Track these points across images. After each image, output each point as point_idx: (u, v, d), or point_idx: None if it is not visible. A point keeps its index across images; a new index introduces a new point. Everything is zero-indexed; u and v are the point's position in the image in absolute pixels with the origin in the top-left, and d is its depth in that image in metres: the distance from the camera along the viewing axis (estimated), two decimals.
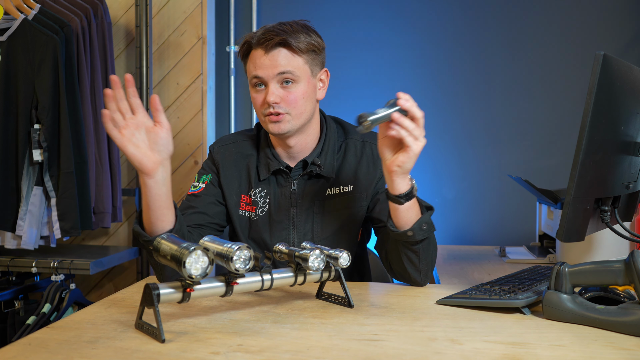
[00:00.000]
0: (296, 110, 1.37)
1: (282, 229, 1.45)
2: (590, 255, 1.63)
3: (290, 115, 1.37)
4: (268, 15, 2.66)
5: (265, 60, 1.35)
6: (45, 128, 2.07)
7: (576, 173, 1.05)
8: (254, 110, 1.44)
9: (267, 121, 1.38)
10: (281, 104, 1.36)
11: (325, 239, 1.45)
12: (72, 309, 2.12)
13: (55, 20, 2.12)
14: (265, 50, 1.35)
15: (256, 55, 1.37)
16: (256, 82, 1.38)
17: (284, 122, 1.37)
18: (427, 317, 1.08)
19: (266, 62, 1.35)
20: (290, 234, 1.45)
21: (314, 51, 1.40)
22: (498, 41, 2.55)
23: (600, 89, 1.04)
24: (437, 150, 2.57)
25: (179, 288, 0.96)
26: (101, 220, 2.27)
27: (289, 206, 1.45)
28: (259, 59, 1.36)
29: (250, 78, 1.39)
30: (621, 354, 0.87)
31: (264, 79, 1.36)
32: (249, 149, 1.50)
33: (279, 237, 1.45)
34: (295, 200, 1.45)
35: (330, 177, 1.44)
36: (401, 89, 2.69)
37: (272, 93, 1.35)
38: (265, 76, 1.35)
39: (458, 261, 1.95)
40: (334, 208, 1.45)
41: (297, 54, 1.36)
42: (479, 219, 2.56)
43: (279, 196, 1.45)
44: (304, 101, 1.38)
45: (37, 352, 0.88)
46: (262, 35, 1.35)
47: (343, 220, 1.45)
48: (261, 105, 1.38)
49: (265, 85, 1.37)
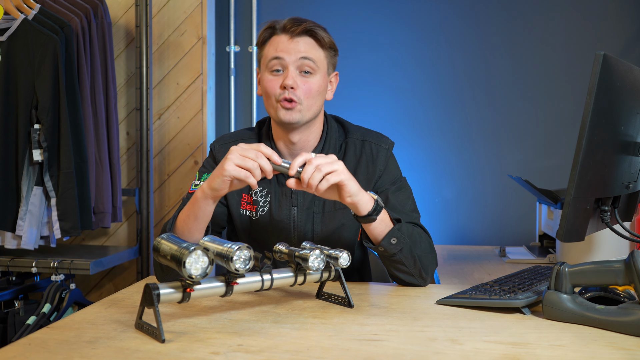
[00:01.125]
0: (308, 102, 1.38)
1: (283, 229, 1.45)
2: (590, 255, 1.63)
3: (302, 105, 1.37)
4: (268, 15, 2.66)
5: (290, 44, 1.37)
6: (45, 128, 2.07)
7: (576, 173, 1.05)
8: (264, 96, 1.41)
9: (278, 107, 1.37)
10: (297, 91, 1.36)
11: (325, 238, 1.45)
12: (72, 309, 2.12)
13: (55, 20, 2.12)
14: (291, 36, 1.37)
15: (279, 40, 1.38)
16: (275, 64, 1.37)
17: (295, 111, 1.37)
18: (427, 317, 1.08)
19: (291, 46, 1.36)
20: (291, 234, 1.45)
21: (332, 49, 1.43)
22: (498, 41, 2.55)
23: (600, 89, 1.04)
24: (437, 150, 2.57)
25: (179, 288, 0.96)
26: (101, 220, 2.27)
27: (289, 205, 1.45)
28: (283, 43, 1.37)
29: (269, 60, 1.38)
30: (621, 354, 0.87)
31: (284, 62, 1.36)
32: None
33: (279, 236, 1.45)
34: (296, 200, 1.45)
35: None
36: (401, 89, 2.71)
37: (290, 77, 1.35)
38: (287, 59, 1.36)
39: (458, 261, 1.95)
40: (333, 207, 1.45)
41: (321, 46, 1.40)
42: (479, 219, 2.56)
43: (280, 195, 1.45)
44: (317, 94, 1.39)
45: (37, 352, 0.88)
46: (288, 22, 1.38)
47: (342, 219, 1.45)
48: (276, 89, 1.37)
49: (284, 69, 1.37)
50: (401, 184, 1.47)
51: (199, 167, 2.55)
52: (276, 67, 1.37)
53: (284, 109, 1.37)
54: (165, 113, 2.58)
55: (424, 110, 2.59)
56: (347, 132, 1.51)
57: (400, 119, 2.59)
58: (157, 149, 2.59)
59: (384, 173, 1.46)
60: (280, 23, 1.39)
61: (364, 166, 1.46)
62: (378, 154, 1.46)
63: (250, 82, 2.68)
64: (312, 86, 1.38)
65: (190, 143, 2.58)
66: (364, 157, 1.46)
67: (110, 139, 2.33)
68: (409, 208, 1.44)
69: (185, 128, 2.58)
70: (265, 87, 1.40)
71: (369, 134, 1.50)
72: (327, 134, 1.48)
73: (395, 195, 1.43)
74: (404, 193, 1.45)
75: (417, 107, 2.58)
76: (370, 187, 1.45)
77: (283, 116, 1.37)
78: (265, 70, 1.40)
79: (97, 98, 2.26)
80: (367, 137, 1.49)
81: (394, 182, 1.46)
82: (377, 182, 1.46)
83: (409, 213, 1.42)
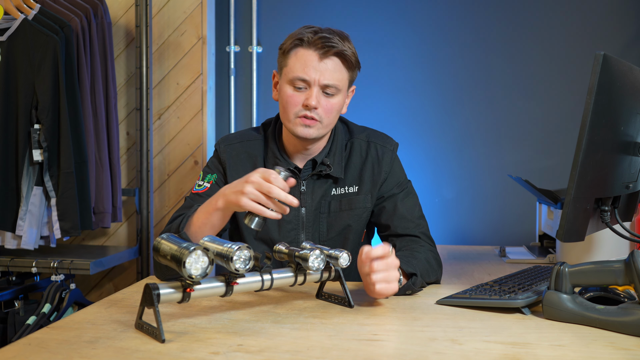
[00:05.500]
0: (328, 120, 1.38)
1: (292, 229, 1.46)
2: (590, 255, 1.63)
3: (322, 124, 1.38)
4: (268, 15, 2.65)
5: (318, 66, 1.34)
6: (45, 128, 2.07)
7: (576, 173, 1.05)
8: (282, 108, 1.39)
9: (297, 123, 1.37)
10: (318, 111, 1.36)
11: (332, 239, 1.46)
12: (72, 309, 2.12)
13: (55, 20, 2.12)
14: (320, 55, 1.34)
15: (307, 56, 1.35)
16: (299, 83, 1.36)
17: (315, 128, 1.37)
18: (427, 317, 1.08)
19: (320, 67, 1.34)
20: (300, 234, 1.46)
21: (357, 68, 1.42)
22: (498, 41, 2.55)
23: (600, 89, 1.04)
24: (437, 150, 2.57)
25: (179, 288, 0.96)
26: (101, 220, 2.27)
27: (298, 206, 1.45)
28: (311, 62, 1.34)
29: (293, 77, 1.36)
30: (621, 354, 0.87)
31: (309, 82, 1.35)
32: (256, 149, 1.49)
33: (288, 237, 1.45)
34: (305, 201, 1.45)
35: (339, 177, 1.45)
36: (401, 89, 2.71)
37: (315, 97, 1.34)
38: (312, 80, 1.34)
39: (458, 261, 1.95)
40: (339, 208, 1.46)
41: (347, 68, 1.38)
42: (479, 219, 2.56)
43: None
44: (336, 113, 1.40)
45: (37, 352, 0.88)
46: (319, 40, 1.34)
47: (348, 220, 1.46)
48: (298, 105, 1.36)
49: (308, 87, 1.36)
50: (408, 189, 1.48)
51: (199, 167, 2.55)
52: (300, 85, 1.36)
53: (302, 126, 1.37)
54: (165, 113, 2.57)
55: (423, 110, 2.59)
56: (352, 132, 1.52)
57: (400, 119, 2.59)
58: (157, 149, 2.59)
59: (389, 176, 1.48)
60: (308, 36, 1.35)
61: (369, 168, 1.47)
62: (383, 155, 1.47)
63: (250, 82, 2.68)
64: (334, 106, 1.38)
65: (190, 143, 2.57)
66: (370, 158, 1.47)
67: (110, 139, 2.33)
68: (417, 215, 1.45)
69: (185, 128, 2.58)
70: (285, 101, 1.38)
71: (374, 134, 1.51)
72: (334, 135, 1.49)
73: (403, 203, 1.44)
74: (412, 199, 1.47)
75: (417, 107, 2.58)
76: (376, 189, 1.47)
77: (301, 132, 1.37)
78: (288, 83, 1.38)
79: (97, 98, 2.26)
80: (373, 138, 1.49)
81: (399, 185, 1.47)
82: (383, 184, 1.47)
83: (417, 221, 1.43)
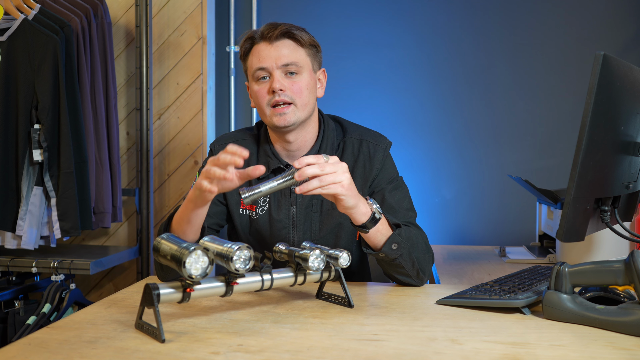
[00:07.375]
0: (301, 101, 1.38)
1: (282, 228, 1.45)
2: (590, 255, 1.63)
3: (296, 106, 1.38)
4: (268, 15, 2.65)
5: (270, 51, 1.37)
6: (45, 128, 2.07)
7: (576, 173, 1.05)
8: (257, 106, 1.42)
9: (272, 114, 1.38)
10: (287, 93, 1.37)
11: (324, 237, 1.45)
12: (72, 309, 2.12)
13: (55, 20, 2.12)
14: (270, 42, 1.38)
15: (260, 49, 1.39)
16: (260, 74, 1.39)
17: (290, 113, 1.37)
18: (427, 317, 1.08)
19: (272, 53, 1.37)
20: (290, 233, 1.45)
21: (314, 47, 1.44)
22: (498, 41, 2.55)
23: (600, 89, 1.04)
24: (437, 150, 2.57)
25: (179, 288, 0.96)
26: (101, 220, 2.27)
27: (289, 205, 1.45)
28: (263, 51, 1.38)
29: (254, 71, 1.39)
30: (621, 354, 0.87)
31: (268, 69, 1.37)
32: (250, 147, 1.49)
33: (279, 236, 1.45)
34: (295, 199, 1.45)
35: None
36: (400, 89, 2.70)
37: (277, 80, 1.36)
38: (270, 66, 1.37)
39: (458, 261, 1.95)
40: (331, 207, 1.45)
41: (301, 45, 1.40)
42: (479, 219, 2.56)
43: (279, 195, 1.45)
44: (308, 92, 1.40)
45: (37, 352, 0.88)
46: (265, 29, 1.39)
47: (340, 219, 1.45)
48: (266, 95, 1.38)
49: (270, 75, 1.38)
50: (397, 183, 1.47)
51: (199, 167, 2.55)
52: (262, 76, 1.39)
53: (277, 115, 1.37)
54: (165, 113, 2.57)
55: (423, 110, 2.59)
56: (345, 131, 1.51)
57: (399, 119, 2.59)
58: (157, 149, 2.59)
59: (380, 172, 1.47)
60: (257, 32, 1.40)
61: (361, 165, 1.46)
62: (375, 153, 1.47)
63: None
64: (301, 85, 1.39)
65: (190, 143, 2.57)
66: (362, 156, 1.47)
67: (110, 139, 2.33)
68: (406, 207, 1.44)
69: (185, 128, 2.58)
70: (255, 97, 1.41)
71: (367, 133, 1.50)
72: (323, 133, 1.48)
73: (391, 195, 1.44)
74: (401, 192, 1.46)
75: (416, 107, 2.58)
76: (367, 186, 1.46)
77: (277, 122, 1.38)
78: (253, 80, 1.41)
79: (97, 98, 2.26)
80: (365, 137, 1.49)
81: (390, 181, 1.47)
82: (374, 181, 1.46)
83: (405, 212, 1.43)
